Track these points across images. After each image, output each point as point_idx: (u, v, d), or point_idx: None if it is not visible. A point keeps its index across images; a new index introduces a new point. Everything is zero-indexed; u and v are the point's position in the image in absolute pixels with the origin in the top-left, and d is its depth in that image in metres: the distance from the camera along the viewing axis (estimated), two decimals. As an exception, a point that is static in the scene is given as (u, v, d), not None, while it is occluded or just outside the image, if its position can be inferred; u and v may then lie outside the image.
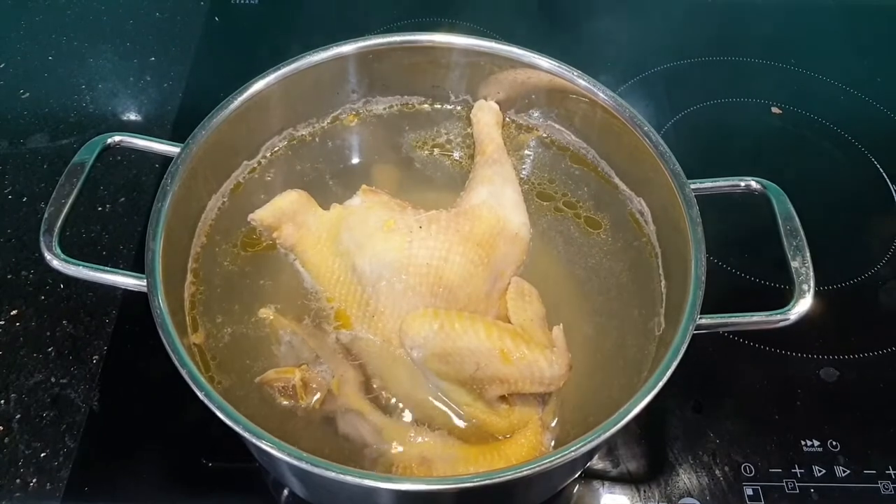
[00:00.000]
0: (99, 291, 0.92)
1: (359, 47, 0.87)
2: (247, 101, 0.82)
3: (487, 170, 0.84)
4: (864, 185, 1.08)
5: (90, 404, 0.83)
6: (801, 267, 0.71)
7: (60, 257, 0.70)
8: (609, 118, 0.83)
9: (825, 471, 0.80)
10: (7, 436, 0.81)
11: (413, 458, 0.66)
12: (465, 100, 0.94)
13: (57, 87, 1.17)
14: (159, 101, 1.16)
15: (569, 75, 0.85)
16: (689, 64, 1.22)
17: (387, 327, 0.72)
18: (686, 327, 0.66)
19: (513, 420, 0.69)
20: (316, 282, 0.77)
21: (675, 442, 0.82)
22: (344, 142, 0.92)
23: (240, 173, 0.86)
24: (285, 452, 0.58)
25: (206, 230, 0.81)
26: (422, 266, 0.73)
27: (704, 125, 1.14)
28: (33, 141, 1.10)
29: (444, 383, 0.69)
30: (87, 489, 0.77)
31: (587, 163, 0.89)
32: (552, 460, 0.59)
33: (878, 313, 0.94)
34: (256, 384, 0.71)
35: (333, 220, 0.79)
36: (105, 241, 0.97)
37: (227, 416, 0.60)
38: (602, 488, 0.79)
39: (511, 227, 0.79)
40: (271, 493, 0.79)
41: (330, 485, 0.63)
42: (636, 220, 0.84)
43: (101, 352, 0.87)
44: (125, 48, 1.24)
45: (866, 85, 1.20)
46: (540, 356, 0.68)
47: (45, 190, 1.02)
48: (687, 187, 0.75)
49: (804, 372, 0.87)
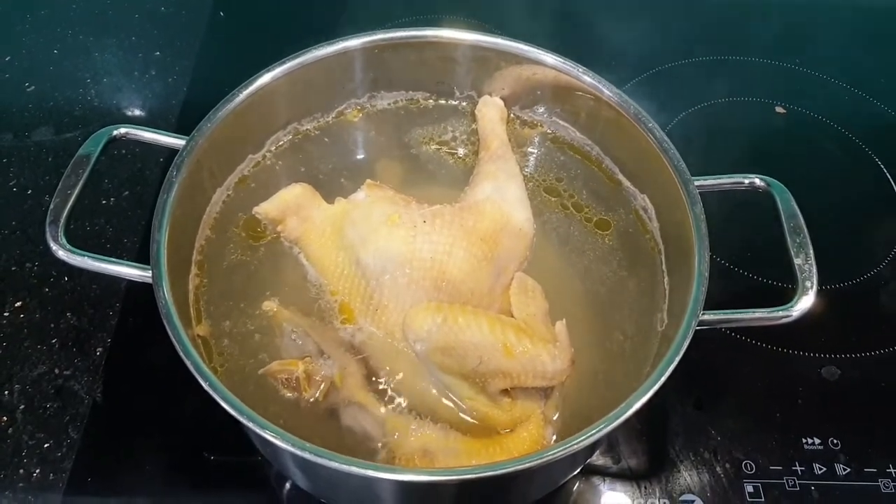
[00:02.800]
0: (103, 283, 0.92)
1: (364, 42, 0.87)
2: (252, 95, 0.82)
3: (492, 165, 0.84)
4: (867, 185, 1.08)
5: (93, 396, 0.83)
6: (805, 264, 0.71)
7: (66, 247, 0.70)
8: (614, 115, 0.83)
9: (826, 469, 0.80)
10: (11, 426, 0.81)
11: (415, 451, 0.67)
12: (470, 95, 0.94)
13: (62, 80, 1.18)
14: (164, 95, 1.16)
15: (574, 72, 0.85)
16: (694, 62, 1.22)
17: (390, 321, 0.72)
18: (689, 323, 0.66)
19: (515, 414, 0.69)
20: (320, 275, 0.78)
21: (677, 438, 0.82)
22: (349, 136, 0.92)
23: (245, 166, 0.86)
24: (289, 443, 0.58)
25: (210, 223, 0.81)
26: (425, 260, 0.73)
27: (709, 124, 1.14)
28: (38, 134, 1.10)
29: (447, 377, 0.69)
30: (90, 480, 0.78)
31: (591, 159, 0.89)
32: (554, 454, 0.59)
33: (881, 312, 0.94)
34: (260, 376, 0.71)
35: (338, 214, 0.80)
36: (109, 233, 0.98)
37: (231, 407, 0.60)
38: (603, 484, 0.79)
39: (515, 222, 0.79)
40: (273, 487, 0.79)
41: (333, 476, 0.63)
42: (640, 217, 0.84)
43: (105, 344, 0.87)
44: (130, 42, 1.25)
45: (871, 84, 1.20)
46: (543, 350, 0.68)
47: (50, 183, 1.02)
48: (691, 184, 0.75)
49: (806, 370, 0.87)
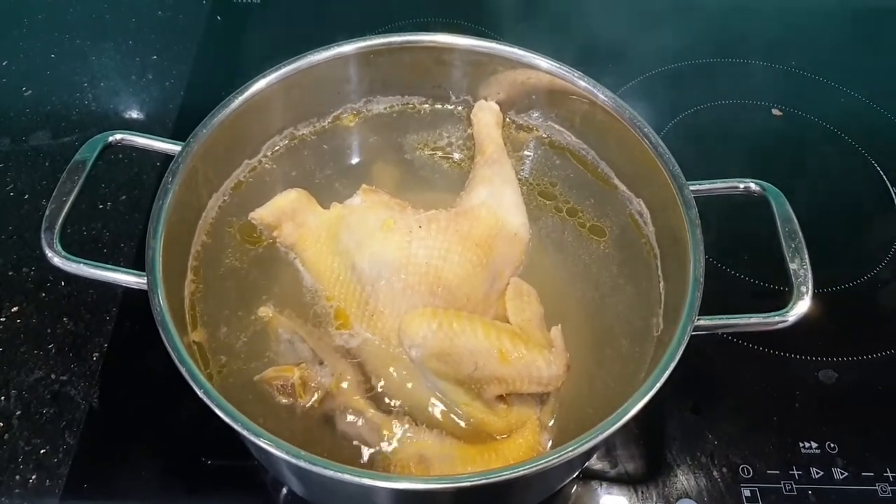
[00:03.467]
0: (99, 289, 0.92)
1: (360, 47, 0.87)
2: (248, 100, 0.82)
3: (487, 170, 0.84)
4: (864, 188, 1.08)
5: (90, 401, 0.83)
6: (800, 269, 0.71)
7: (61, 255, 0.70)
8: (609, 119, 0.83)
9: (823, 473, 0.80)
10: (7, 432, 0.81)
11: (411, 458, 0.67)
12: (465, 100, 0.94)
13: (59, 84, 1.18)
14: (161, 99, 1.16)
15: (569, 76, 0.85)
16: (690, 65, 1.22)
17: (386, 326, 0.72)
18: (684, 328, 0.66)
19: (511, 420, 0.69)
20: (315, 280, 0.77)
21: (674, 443, 0.82)
22: (344, 141, 0.92)
23: (240, 172, 0.86)
24: (284, 451, 0.58)
25: (206, 228, 0.81)
26: (421, 265, 0.73)
27: (704, 127, 1.14)
28: (35, 138, 1.10)
29: (443, 382, 0.69)
30: (87, 486, 0.78)
31: (587, 164, 0.89)
32: (549, 460, 0.59)
33: (877, 316, 0.94)
34: (255, 382, 0.71)
35: (333, 220, 0.80)
36: (106, 238, 0.98)
37: (226, 414, 0.60)
38: (600, 489, 0.79)
39: (510, 227, 0.79)
40: (270, 492, 0.79)
41: (328, 483, 0.63)
42: (635, 221, 0.84)
43: (102, 349, 0.87)
44: (127, 46, 1.25)
45: (867, 87, 1.20)
46: (538, 356, 0.68)
47: (47, 187, 1.02)
48: (686, 189, 0.75)
49: (803, 374, 0.87)
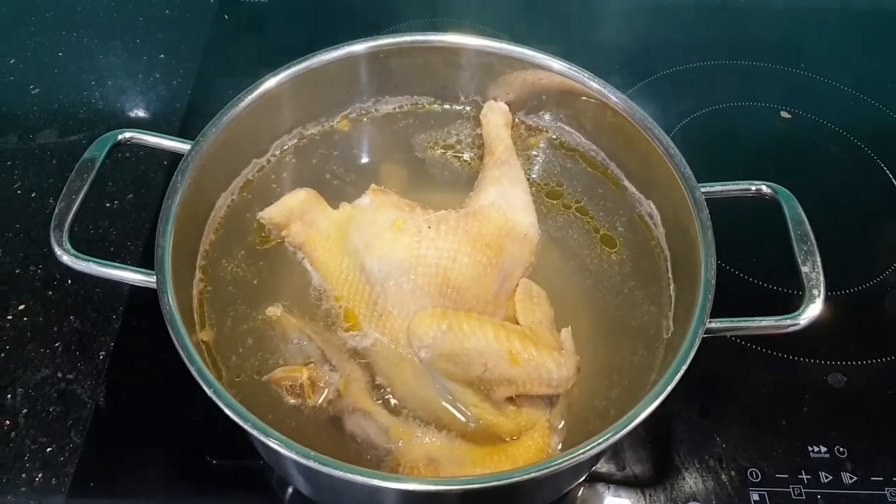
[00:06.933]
0: (106, 287, 0.92)
1: (369, 47, 0.87)
2: (257, 99, 0.82)
3: (496, 171, 0.84)
4: (873, 190, 1.07)
5: (96, 400, 0.83)
6: (812, 272, 0.70)
7: (70, 253, 0.70)
8: (620, 120, 0.83)
9: (832, 477, 0.79)
10: (13, 430, 0.81)
11: (419, 459, 0.66)
12: (475, 100, 0.94)
13: (66, 83, 1.18)
14: (168, 98, 1.16)
15: (580, 77, 0.85)
16: (699, 67, 1.22)
17: (395, 327, 0.72)
18: (695, 331, 0.65)
19: (520, 422, 0.69)
20: (324, 281, 0.77)
21: (682, 446, 0.82)
22: (353, 141, 0.92)
23: (249, 171, 0.86)
24: (293, 451, 0.58)
25: (215, 227, 0.81)
26: (430, 266, 0.73)
27: (714, 129, 1.13)
28: (42, 136, 1.10)
29: (452, 384, 0.69)
30: (93, 484, 0.78)
31: (597, 165, 0.89)
32: (559, 463, 0.58)
33: (887, 320, 0.94)
34: (264, 382, 0.71)
35: (342, 219, 0.79)
36: (113, 237, 0.97)
37: (235, 414, 0.60)
38: (607, 491, 0.78)
39: (520, 228, 0.79)
40: (275, 492, 0.79)
41: (336, 484, 0.62)
42: (645, 223, 0.84)
43: (108, 347, 0.87)
44: (135, 45, 1.25)
45: (876, 89, 1.20)
46: (548, 358, 0.67)
47: (54, 185, 1.02)
48: (697, 191, 0.75)
49: (812, 377, 0.87)
